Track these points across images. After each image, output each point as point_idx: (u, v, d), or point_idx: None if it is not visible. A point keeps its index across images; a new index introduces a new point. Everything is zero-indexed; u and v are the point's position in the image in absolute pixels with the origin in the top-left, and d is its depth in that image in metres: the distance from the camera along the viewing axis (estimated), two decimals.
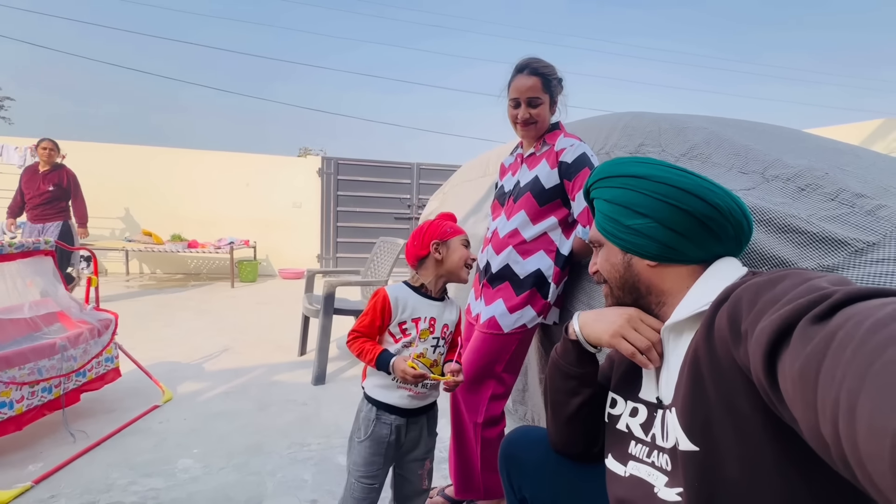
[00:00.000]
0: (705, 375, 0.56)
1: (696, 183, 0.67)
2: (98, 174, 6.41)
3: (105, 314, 2.16)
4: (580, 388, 0.79)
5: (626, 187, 0.71)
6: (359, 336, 1.12)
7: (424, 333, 1.12)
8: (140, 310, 4.29)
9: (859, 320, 0.36)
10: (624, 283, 0.73)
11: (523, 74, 1.33)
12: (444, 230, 1.18)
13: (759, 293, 0.51)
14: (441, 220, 1.22)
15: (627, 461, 0.70)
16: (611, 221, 0.73)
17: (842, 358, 0.35)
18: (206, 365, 2.83)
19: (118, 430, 1.93)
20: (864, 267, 0.79)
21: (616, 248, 0.73)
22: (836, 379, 0.34)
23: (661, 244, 0.68)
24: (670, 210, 0.67)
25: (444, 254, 1.16)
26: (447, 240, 1.17)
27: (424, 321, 1.13)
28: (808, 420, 0.38)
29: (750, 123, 1.49)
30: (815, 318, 0.40)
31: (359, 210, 7.16)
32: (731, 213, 0.66)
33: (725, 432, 0.54)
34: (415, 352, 1.11)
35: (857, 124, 6.41)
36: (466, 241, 1.19)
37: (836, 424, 0.33)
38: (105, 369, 2.10)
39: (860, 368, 0.33)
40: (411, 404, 1.13)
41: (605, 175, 0.75)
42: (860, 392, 0.32)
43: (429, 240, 1.17)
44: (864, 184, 0.94)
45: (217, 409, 2.19)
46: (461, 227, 1.21)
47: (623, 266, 0.73)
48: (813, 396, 0.36)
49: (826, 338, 0.37)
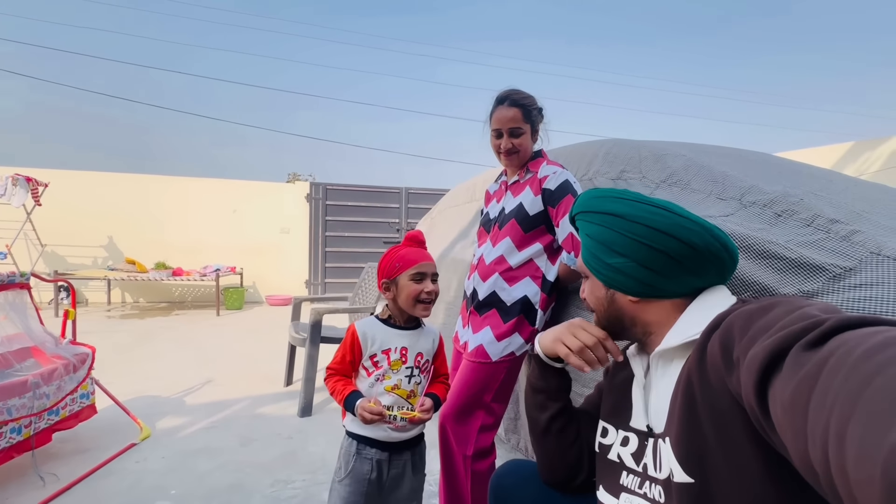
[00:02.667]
0: (699, 403, 0.55)
1: (673, 222, 0.67)
2: (81, 202, 6.33)
3: (82, 348, 2.09)
4: (547, 402, 0.83)
5: (605, 225, 0.72)
6: (333, 373, 1.11)
7: (396, 364, 1.11)
8: (120, 341, 4.17)
9: (850, 347, 0.36)
10: (609, 315, 0.74)
11: (504, 106, 1.35)
12: (392, 266, 1.13)
13: (750, 320, 0.51)
14: (396, 250, 1.16)
15: (619, 493, 0.68)
16: (593, 257, 0.74)
17: (832, 385, 0.35)
18: (188, 398, 2.73)
19: (91, 471, 1.83)
20: (842, 292, 0.80)
21: (599, 283, 0.74)
22: (827, 405, 0.34)
23: (640, 282, 0.68)
24: (647, 250, 0.67)
25: (394, 292, 1.13)
26: (395, 277, 1.13)
27: (395, 352, 1.11)
28: (797, 446, 0.37)
29: (725, 149, 1.54)
30: (806, 345, 0.40)
31: (348, 235, 7.14)
32: (709, 249, 0.66)
33: (720, 463, 0.53)
34: (388, 384, 1.09)
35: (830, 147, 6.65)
36: (419, 273, 1.12)
37: (826, 451, 0.33)
38: (80, 406, 2.02)
39: (850, 395, 0.32)
40: (392, 437, 1.10)
41: (586, 209, 0.76)
42: (850, 419, 0.31)
43: (380, 278, 1.15)
44: (838, 209, 0.96)
45: (197, 445, 2.11)
46: (418, 254, 1.14)
47: (607, 300, 0.74)
48: (803, 423, 0.36)
49: (817, 364, 0.37)
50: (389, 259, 1.15)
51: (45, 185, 5.54)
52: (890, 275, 0.77)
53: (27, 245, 6.02)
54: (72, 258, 6.35)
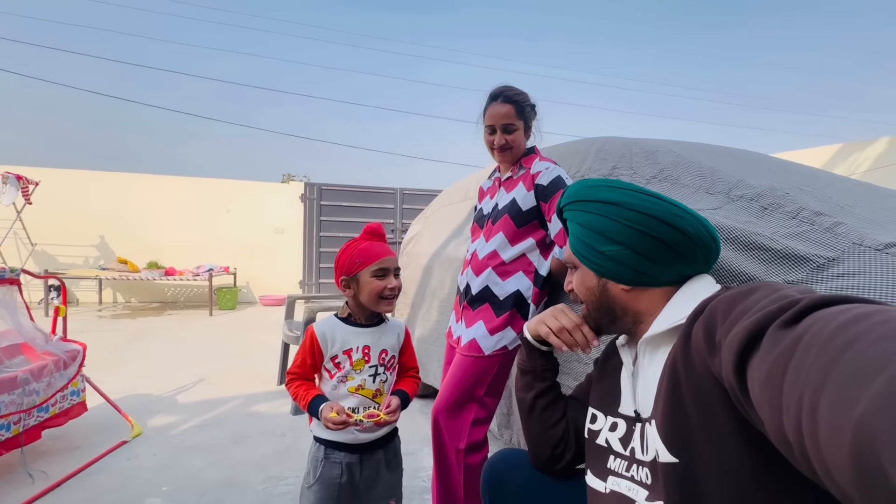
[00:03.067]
0: (683, 386, 0.57)
1: (668, 210, 0.69)
2: (72, 201, 6.28)
3: (72, 345, 2.07)
4: (534, 381, 0.88)
5: (599, 213, 0.72)
6: (294, 378, 1.07)
7: (358, 364, 1.07)
8: (112, 340, 4.13)
9: (824, 324, 0.37)
10: (600, 305, 0.74)
11: (497, 102, 1.37)
12: (352, 262, 1.07)
13: (732, 304, 0.52)
14: (354, 245, 1.09)
15: (607, 476, 0.70)
16: (585, 246, 0.73)
17: (806, 359, 0.36)
18: (180, 397, 2.72)
19: (81, 468, 1.82)
20: (825, 282, 0.82)
21: (591, 272, 0.74)
22: (801, 379, 0.35)
23: (634, 270, 0.69)
24: (643, 237, 0.68)
25: (355, 289, 1.08)
26: (355, 274, 1.07)
27: (357, 351, 1.07)
28: (773, 420, 0.39)
29: (714, 147, 1.56)
30: (783, 324, 0.41)
31: (342, 235, 7.13)
32: (700, 238, 0.68)
33: (704, 443, 0.54)
34: (351, 385, 1.06)
35: (819, 148, 6.75)
36: (382, 269, 1.07)
37: (800, 421, 0.34)
38: (70, 403, 2.00)
39: (823, 368, 0.34)
40: (360, 439, 1.07)
41: (578, 198, 0.76)
42: (822, 390, 0.33)
43: (338, 275, 1.09)
44: (822, 202, 0.98)
45: (190, 443, 2.10)
46: (379, 249, 1.09)
47: (598, 290, 0.74)
48: (779, 397, 0.38)
49: (793, 341, 0.39)
50: (348, 254, 1.08)
51: (36, 183, 5.48)
52: (871, 264, 0.79)
53: (17, 244, 5.95)
54: (62, 257, 6.29)
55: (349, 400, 1.06)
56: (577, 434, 0.83)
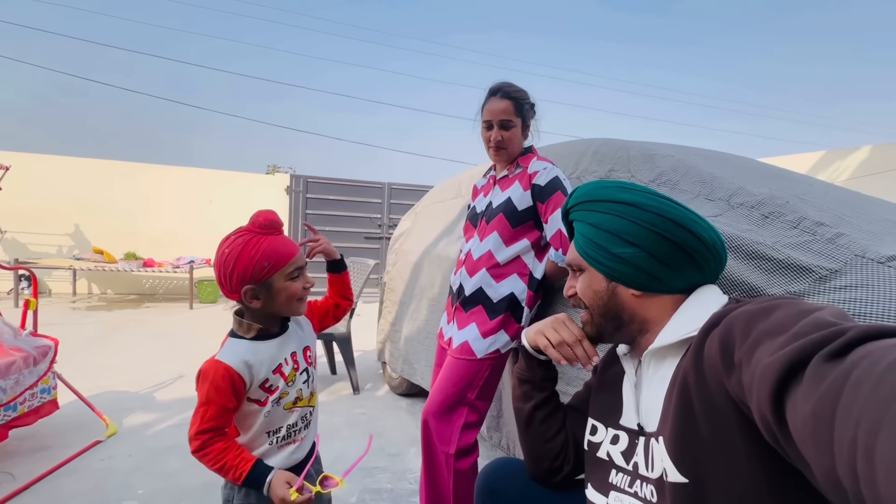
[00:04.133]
0: (695, 404, 0.55)
1: (684, 214, 0.67)
2: (45, 188, 6.04)
3: (43, 340, 1.97)
4: (532, 391, 0.85)
5: (615, 214, 0.69)
6: (213, 437, 0.84)
7: (291, 375, 0.96)
8: (86, 334, 3.99)
9: (875, 359, 0.35)
10: (607, 311, 0.71)
11: (496, 97, 1.34)
12: (258, 267, 0.87)
13: (752, 321, 0.50)
14: (252, 244, 0.89)
15: (609, 491, 0.68)
16: (596, 248, 0.70)
17: (858, 397, 0.33)
18: (158, 394, 2.63)
19: (51, 470, 1.74)
20: (828, 293, 0.81)
21: (600, 276, 0.70)
22: (853, 419, 0.33)
23: (647, 274, 0.67)
24: (659, 241, 0.66)
25: (265, 297, 0.90)
26: (266, 280, 0.89)
27: (287, 363, 0.95)
28: (822, 461, 0.36)
29: (710, 152, 1.56)
30: (828, 356, 0.38)
31: (328, 229, 7.02)
32: (714, 246, 0.66)
33: (715, 463, 0.52)
34: (288, 401, 0.95)
35: (801, 155, 6.90)
36: (297, 268, 0.93)
37: (854, 465, 0.32)
38: (40, 402, 1.91)
39: (878, 408, 0.31)
40: (287, 464, 0.96)
41: (590, 198, 0.72)
42: (878, 433, 0.30)
43: (238, 285, 0.89)
44: (822, 212, 0.98)
45: (168, 443, 2.02)
46: (285, 245, 0.92)
47: (607, 294, 0.70)
48: (828, 437, 0.35)
49: (841, 377, 0.36)
50: (249, 257, 0.87)
51: (6, 168, 5.24)
52: (874, 277, 0.79)
53: None
54: (34, 246, 6.05)
55: (289, 417, 0.96)
56: (577, 445, 0.81)
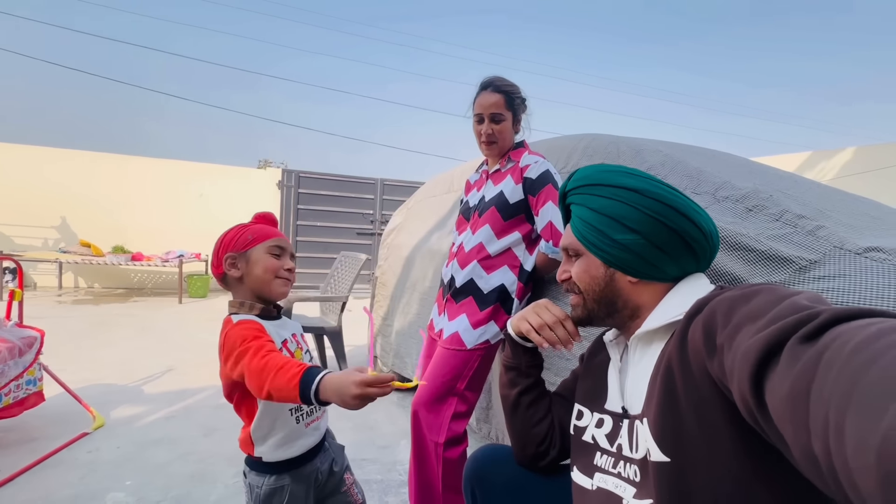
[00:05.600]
0: (678, 386, 0.56)
1: (686, 203, 0.68)
2: (30, 179, 5.93)
3: (29, 331, 1.95)
4: (518, 378, 0.86)
5: (617, 199, 0.68)
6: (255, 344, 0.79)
7: (298, 353, 0.96)
8: (73, 327, 3.94)
9: (845, 340, 0.36)
10: (602, 297, 0.71)
11: (487, 91, 1.35)
12: (243, 237, 0.92)
13: (733, 307, 0.51)
14: (243, 225, 0.96)
15: (593, 473, 0.69)
16: (596, 233, 0.69)
17: (829, 377, 0.35)
18: (146, 387, 2.61)
19: (37, 461, 1.72)
20: (807, 283, 0.84)
21: (598, 261, 0.70)
22: (825, 398, 0.35)
23: (646, 262, 0.67)
24: (660, 228, 0.66)
25: (243, 269, 0.91)
26: (246, 250, 0.92)
27: (291, 341, 0.95)
28: (799, 439, 0.38)
29: (697, 148, 1.58)
30: (802, 338, 0.40)
31: (320, 224, 6.99)
32: (711, 236, 0.68)
33: (697, 443, 0.54)
34: None
35: (788, 155, 7.01)
36: (279, 246, 0.94)
37: (828, 443, 0.34)
38: (25, 393, 1.89)
39: (847, 387, 0.33)
40: (314, 442, 0.96)
41: (592, 182, 0.71)
42: (847, 410, 0.32)
43: (222, 253, 0.92)
44: (804, 206, 1.00)
45: (156, 435, 2.01)
46: (274, 230, 0.97)
47: (605, 280, 0.70)
48: (804, 415, 0.36)
49: (814, 357, 0.37)
50: (237, 231, 0.94)
51: None
52: (852, 268, 0.81)
53: None
54: (19, 238, 5.94)
55: None
56: (562, 431, 0.82)
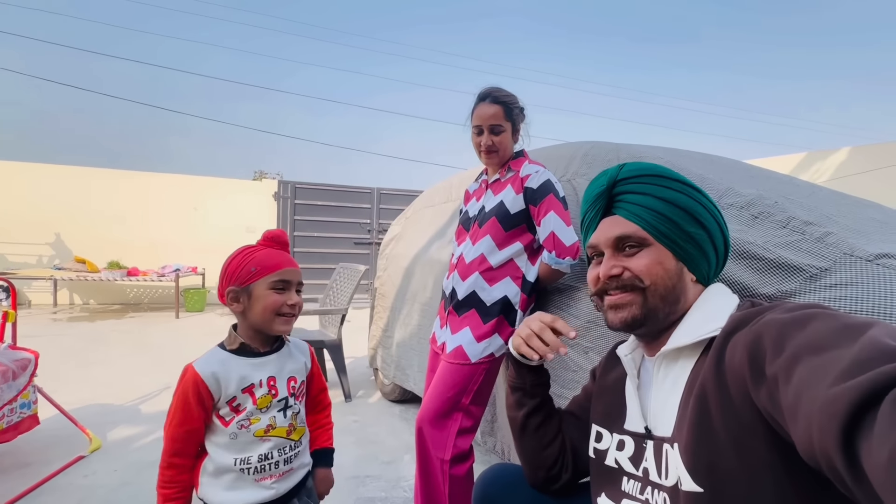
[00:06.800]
0: (713, 412, 0.53)
1: (721, 214, 0.70)
2: (24, 196, 5.89)
3: (23, 353, 1.91)
4: (524, 398, 0.83)
5: (685, 193, 0.67)
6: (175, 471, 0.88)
7: (264, 401, 0.89)
8: (68, 345, 3.88)
9: None
10: (671, 292, 0.65)
11: (485, 103, 1.34)
12: (245, 270, 0.88)
13: (784, 333, 0.47)
14: (249, 252, 0.91)
15: (621, 499, 0.66)
16: (668, 223, 0.65)
17: None
18: (143, 406, 2.56)
19: (32, 487, 1.67)
20: (819, 292, 0.82)
21: (669, 253, 0.65)
22: None
23: (706, 261, 0.67)
24: (717, 229, 0.67)
25: (245, 304, 0.89)
26: (247, 285, 0.88)
27: (261, 386, 0.89)
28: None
29: (697, 154, 1.58)
30: None
31: (317, 235, 6.97)
32: (731, 247, 0.71)
33: (734, 473, 0.51)
34: (258, 428, 0.88)
35: (784, 157, 7.06)
36: (283, 281, 0.90)
37: None
38: (20, 417, 1.84)
39: None
40: (269, 497, 0.90)
41: (656, 173, 0.69)
42: None
43: (225, 285, 0.89)
44: (810, 212, 0.99)
45: (153, 457, 1.96)
46: (280, 257, 0.92)
47: (676, 274, 0.65)
48: None
49: None
50: (241, 261, 0.89)
51: None
52: (863, 275, 0.80)
53: None
54: (13, 256, 5.89)
55: (260, 446, 0.89)
56: (574, 453, 0.80)
